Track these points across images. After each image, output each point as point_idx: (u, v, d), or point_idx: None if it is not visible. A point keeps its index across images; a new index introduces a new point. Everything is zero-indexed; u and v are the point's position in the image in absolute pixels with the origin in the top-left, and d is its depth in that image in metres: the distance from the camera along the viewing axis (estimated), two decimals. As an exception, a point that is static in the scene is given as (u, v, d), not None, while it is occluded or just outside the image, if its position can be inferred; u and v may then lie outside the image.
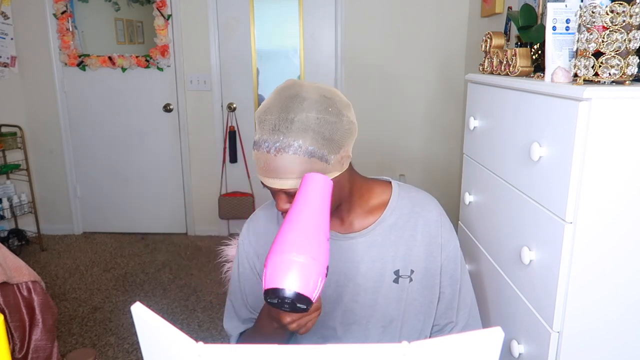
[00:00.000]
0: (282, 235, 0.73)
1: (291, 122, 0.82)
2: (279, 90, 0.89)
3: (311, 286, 0.69)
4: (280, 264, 0.70)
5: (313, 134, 0.83)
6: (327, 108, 0.85)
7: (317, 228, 0.74)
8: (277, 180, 0.84)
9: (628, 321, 1.00)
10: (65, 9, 3.35)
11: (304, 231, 0.73)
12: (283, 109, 0.84)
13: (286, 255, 0.70)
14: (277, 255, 0.70)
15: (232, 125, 3.51)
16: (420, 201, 1.03)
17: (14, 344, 1.69)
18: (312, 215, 0.75)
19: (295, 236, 0.72)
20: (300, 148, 0.82)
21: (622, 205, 0.94)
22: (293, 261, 0.69)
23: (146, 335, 0.53)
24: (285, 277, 0.69)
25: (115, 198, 3.69)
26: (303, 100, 0.84)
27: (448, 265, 1.02)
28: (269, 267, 0.71)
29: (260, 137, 0.85)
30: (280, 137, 0.82)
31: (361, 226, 1.00)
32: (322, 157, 0.84)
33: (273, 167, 0.84)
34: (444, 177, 3.49)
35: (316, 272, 0.70)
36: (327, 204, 0.78)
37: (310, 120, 0.83)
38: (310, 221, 0.74)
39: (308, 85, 0.89)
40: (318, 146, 0.83)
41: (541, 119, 1.05)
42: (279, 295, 0.69)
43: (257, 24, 3.42)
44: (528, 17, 1.41)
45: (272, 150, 0.83)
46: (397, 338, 1.01)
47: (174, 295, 2.77)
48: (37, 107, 3.52)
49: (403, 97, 3.42)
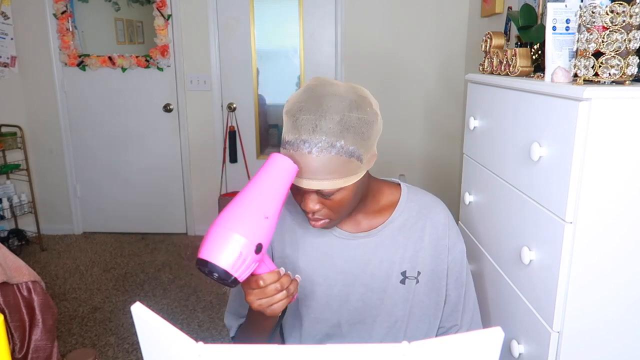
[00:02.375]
0: (226, 207, 0.76)
1: (333, 122, 0.81)
2: (312, 87, 0.86)
3: (231, 261, 0.71)
4: (208, 235, 0.73)
5: (354, 134, 0.82)
6: (366, 107, 0.85)
7: (256, 206, 0.75)
8: (315, 181, 0.83)
9: (628, 321, 1.00)
10: (65, 9, 3.35)
11: (243, 206, 0.75)
12: (323, 108, 0.82)
13: (214, 227, 0.73)
14: (213, 226, 0.74)
15: (232, 125, 3.51)
16: (428, 204, 1.03)
17: (14, 344, 1.69)
18: (257, 193, 0.77)
19: (230, 211, 0.75)
20: (342, 148, 0.81)
21: (622, 205, 0.94)
22: (218, 234, 0.72)
23: (146, 335, 0.53)
24: (206, 248, 0.72)
25: (115, 198, 3.69)
26: (343, 99, 0.83)
27: (454, 268, 1.03)
28: (205, 237, 0.74)
29: (298, 137, 0.82)
30: (322, 137, 0.80)
31: (370, 226, 1.00)
32: (359, 157, 0.84)
33: (312, 168, 0.82)
34: (444, 177, 3.49)
35: (239, 248, 0.71)
36: (282, 185, 0.79)
37: (352, 120, 0.82)
38: (253, 199, 0.76)
39: (341, 83, 0.88)
40: (357, 146, 0.83)
41: (541, 119, 1.05)
42: (201, 265, 0.72)
43: (257, 24, 3.42)
44: (528, 17, 1.41)
45: (313, 151, 0.81)
46: (401, 339, 1.01)
47: (174, 295, 2.77)
48: (37, 107, 3.52)
49: (403, 97, 3.42)
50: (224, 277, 0.72)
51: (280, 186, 0.79)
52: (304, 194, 0.87)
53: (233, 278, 0.72)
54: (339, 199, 0.87)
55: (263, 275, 0.80)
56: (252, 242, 0.73)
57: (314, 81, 0.88)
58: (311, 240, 1.01)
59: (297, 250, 1.01)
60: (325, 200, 0.87)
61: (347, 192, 0.87)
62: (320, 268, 1.00)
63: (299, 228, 1.02)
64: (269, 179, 0.79)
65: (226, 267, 0.71)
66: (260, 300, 0.80)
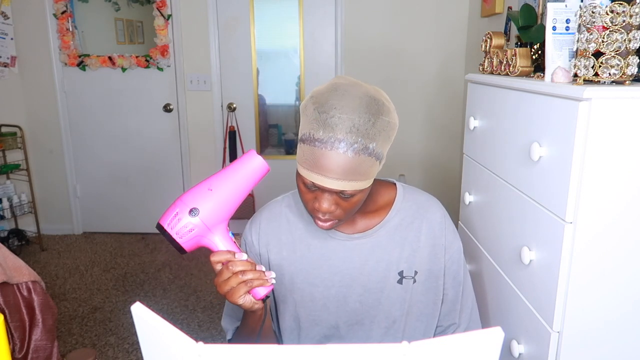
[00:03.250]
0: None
1: (371, 125, 0.80)
2: (341, 85, 0.84)
3: (168, 220, 0.83)
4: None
5: (384, 137, 0.83)
6: (392, 112, 0.86)
7: (206, 180, 0.85)
8: (340, 182, 0.81)
9: (628, 321, 1.00)
10: (65, 9, 3.35)
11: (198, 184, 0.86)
12: (359, 110, 0.80)
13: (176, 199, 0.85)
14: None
15: (232, 125, 3.51)
16: (424, 203, 1.03)
17: (14, 344, 1.69)
18: (216, 174, 0.86)
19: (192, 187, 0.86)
20: (374, 151, 0.81)
21: (622, 205, 0.94)
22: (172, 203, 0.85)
23: (146, 335, 0.53)
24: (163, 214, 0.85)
25: (115, 198, 3.69)
26: (377, 102, 0.83)
27: (451, 267, 1.02)
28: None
29: (332, 136, 0.79)
30: (359, 138, 0.79)
31: (366, 227, 1.00)
32: (381, 160, 0.85)
33: (342, 168, 0.80)
34: (444, 177, 3.48)
35: (176, 208, 0.83)
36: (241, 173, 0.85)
37: (384, 124, 0.82)
38: (209, 177, 0.86)
39: (367, 85, 0.87)
40: (383, 149, 0.84)
41: (541, 119, 1.05)
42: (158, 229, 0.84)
43: (257, 24, 3.42)
44: (528, 17, 1.41)
45: (349, 152, 0.79)
46: (399, 339, 1.01)
47: (174, 295, 2.77)
48: (37, 107, 3.52)
49: (403, 97, 3.42)
50: (167, 237, 0.83)
51: (240, 174, 0.85)
52: (320, 194, 0.86)
53: (169, 235, 0.82)
54: (355, 201, 0.87)
55: (216, 252, 0.85)
56: (186, 204, 0.83)
57: (342, 79, 0.87)
58: (308, 242, 1.01)
59: (294, 253, 1.01)
60: (342, 201, 0.86)
61: (364, 193, 0.87)
62: (317, 270, 1.00)
63: (295, 230, 1.02)
64: (233, 165, 0.86)
65: (164, 225, 0.83)
66: (220, 283, 0.83)
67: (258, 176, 0.86)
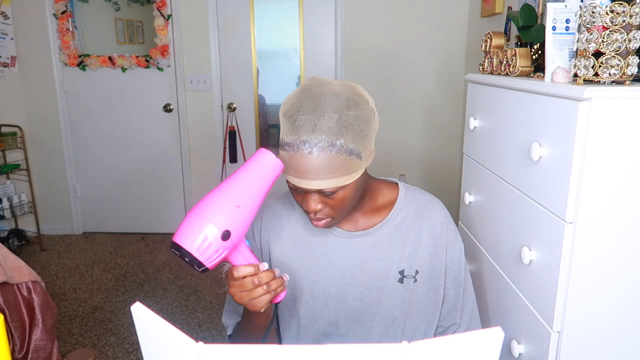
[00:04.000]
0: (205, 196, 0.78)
1: (332, 121, 0.81)
2: (307, 88, 0.86)
3: (197, 244, 0.73)
4: (185, 220, 0.76)
5: (353, 131, 0.83)
6: (363, 105, 0.86)
7: (229, 194, 0.76)
8: (316, 181, 0.83)
9: (628, 321, 1.00)
10: (65, 9, 3.35)
11: (214, 195, 0.77)
12: (321, 108, 0.82)
13: (189, 213, 0.76)
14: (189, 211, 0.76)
15: (232, 125, 3.51)
16: (426, 203, 1.03)
17: (14, 344, 1.69)
18: (234, 183, 0.78)
19: (206, 198, 0.77)
20: (342, 147, 0.82)
21: (622, 205, 0.94)
22: (189, 219, 0.75)
23: (146, 335, 0.53)
24: (177, 232, 0.75)
25: (115, 198, 3.69)
26: (339, 97, 0.84)
27: (452, 267, 1.03)
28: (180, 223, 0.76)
29: (297, 139, 0.81)
30: (322, 137, 0.81)
31: (367, 225, 1.00)
32: (359, 154, 0.84)
33: (313, 168, 0.81)
34: (444, 177, 3.49)
35: (205, 232, 0.73)
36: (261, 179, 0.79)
37: (351, 118, 0.83)
38: (228, 187, 0.77)
39: (336, 82, 0.88)
40: (357, 143, 0.84)
41: (541, 119, 1.05)
42: (174, 248, 0.75)
43: (257, 24, 3.42)
44: (528, 17, 1.41)
45: (314, 151, 0.81)
46: (399, 338, 1.02)
47: (174, 295, 2.77)
48: (37, 107, 3.52)
49: (403, 97, 3.42)
50: (192, 261, 0.74)
51: (260, 179, 0.79)
52: (305, 195, 0.88)
53: (198, 261, 0.74)
54: (340, 198, 0.87)
55: (239, 267, 0.81)
56: (219, 227, 0.74)
57: (309, 81, 0.89)
58: (309, 239, 1.01)
59: (295, 250, 1.02)
60: (327, 199, 0.87)
61: (349, 190, 0.87)
62: (318, 267, 1.00)
63: (296, 227, 1.03)
64: (249, 171, 0.79)
65: (191, 250, 0.73)
66: (241, 293, 0.81)
67: (275, 177, 0.83)
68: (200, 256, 0.74)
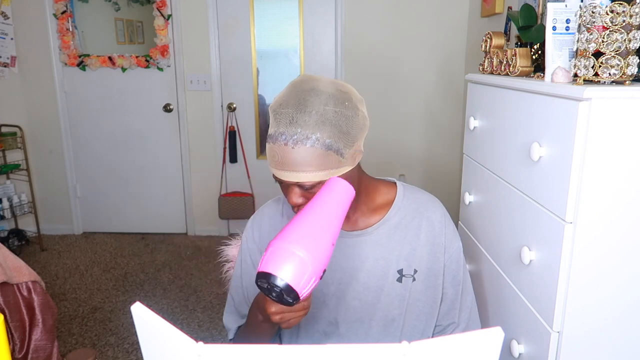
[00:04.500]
0: (291, 226, 0.74)
1: (309, 115, 0.82)
2: (295, 84, 0.88)
3: (303, 282, 0.70)
4: (280, 251, 0.71)
5: (331, 127, 0.83)
6: (344, 102, 0.86)
7: (326, 230, 0.75)
8: (293, 174, 0.84)
9: (628, 321, 1.00)
10: (65, 9, 3.35)
11: (313, 229, 0.74)
12: (300, 102, 0.84)
13: (289, 245, 0.71)
14: (280, 242, 0.72)
15: (232, 125, 3.51)
16: (425, 202, 1.03)
17: (14, 344, 1.69)
18: (326, 217, 0.76)
19: (304, 231, 0.74)
20: (318, 141, 0.82)
21: (622, 205, 0.94)
22: (293, 253, 0.70)
23: (146, 335, 0.53)
24: (280, 265, 0.70)
25: (115, 198, 3.69)
26: (321, 93, 0.85)
27: (450, 266, 1.03)
28: (269, 252, 0.72)
29: (276, 130, 0.84)
30: (298, 130, 0.82)
31: (366, 224, 1.00)
32: (338, 151, 0.85)
33: (289, 160, 0.83)
34: (444, 177, 3.48)
35: (312, 271, 0.71)
36: (344, 211, 0.79)
37: (329, 114, 0.83)
38: (322, 222, 0.76)
39: (324, 79, 0.89)
40: (335, 139, 0.84)
41: (541, 119, 1.05)
42: (270, 281, 0.70)
43: (257, 24, 3.42)
44: (528, 17, 1.41)
45: (289, 143, 0.83)
46: (398, 337, 1.02)
47: (174, 295, 2.77)
48: (37, 107, 3.52)
49: (403, 97, 3.42)
50: (289, 295, 0.71)
51: (340, 211, 0.79)
52: (287, 187, 0.89)
53: (295, 294, 0.71)
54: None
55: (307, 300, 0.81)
56: (321, 266, 0.73)
57: (298, 78, 0.90)
58: None
59: None
60: (308, 194, 0.88)
61: None
62: None
63: None
64: (331, 203, 0.79)
65: (299, 290, 0.70)
66: (284, 315, 0.80)
67: (349, 202, 0.83)
68: (302, 294, 0.71)
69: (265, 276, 0.71)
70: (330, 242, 0.75)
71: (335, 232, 0.77)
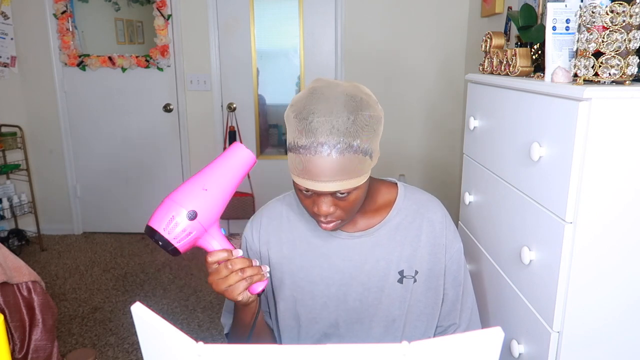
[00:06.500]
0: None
1: (351, 122, 0.81)
2: (318, 89, 0.85)
3: (164, 224, 0.79)
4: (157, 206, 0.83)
5: (367, 132, 0.83)
6: (374, 105, 0.86)
7: (197, 179, 0.83)
8: (333, 183, 0.82)
9: (628, 321, 1.00)
10: (65, 9, 3.35)
11: (186, 181, 0.84)
12: (337, 109, 0.81)
13: (165, 198, 0.83)
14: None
15: (232, 125, 3.51)
16: (425, 203, 1.03)
17: (14, 344, 1.69)
18: (204, 170, 0.84)
19: (180, 186, 0.83)
20: (359, 147, 0.82)
21: (622, 205, 0.94)
22: (162, 203, 0.82)
23: (146, 335, 0.53)
24: (151, 216, 0.82)
25: (115, 198, 3.69)
26: (354, 98, 0.84)
27: (451, 267, 1.03)
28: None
29: (314, 141, 0.80)
30: (340, 138, 0.80)
31: (366, 225, 1.00)
32: (371, 155, 0.85)
33: (330, 171, 0.81)
34: (444, 177, 3.49)
35: (172, 212, 0.79)
36: (231, 167, 0.85)
37: (365, 119, 0.83)
38: (198, 174, 0.84)
39: (344, 83, 0.88)
40: (370, 143, 0.84)
41: (541, 119, 1.05)
42: (148, 232, 0.81)
43: (257, 24, 3.42)
44: (528, 17, 1.41)
45: (333, 153, 0.80)
46: (399, 338, 1.02)
47: (174, 295, 2.77)
48: (37, 107, 3.52)
49: (403, 97, 3.42)
50: (163, 242, 0.79)
51: (229, 169, 0.85)
52: (317, 198, 0.86)
53: (167, 241, 0.79)
54: (353, 199, 0.87)
55: (213, 252, 0.85)
56: (185, 207, 0.80)
57: (318, 83, 0.88)
58: (308, 240, 1.01)
59: (294, 251, 1.02)
60: (339, 201, 0.87)
61: (360, 190, 0.88)
62: (317, 268, 1.00)
63: (296, 229, 1.03)
64: (220, 161, 0.85)
65: (159, 229, 0.79)
66: (217, 280, 0.84)
67: (247, 169, 0.87)
68: (168, 235, 0.79)
69: (147, 229, 0.81)
70: (199, 187, 0.81)
71: (210, 179, 0.82)
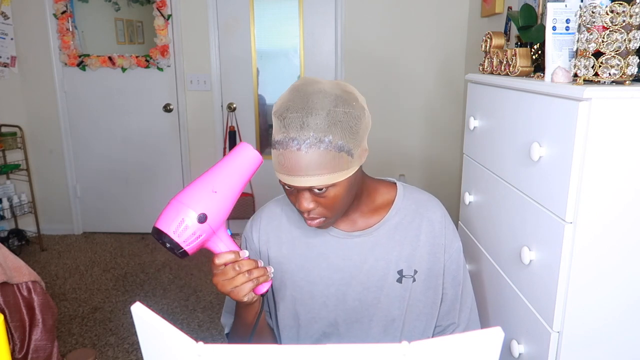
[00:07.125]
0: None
1: (320, 118, 0.82)
2: (297, 87, 0.87)
3: (174, 227, 0.78)
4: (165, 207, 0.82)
5: (342, 128, 0.83)
6: (352, 102, 0.86)
7: (206, 181, 0.82)
8: (305, 178, 0.83)
9: (628, 321, 1.00)
10: (65, 9, 3.35)
11: (193, 183, 0.82)
12: (309, 105, 0.83)
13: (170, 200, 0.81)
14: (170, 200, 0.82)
15: (232, 125, 3.51)
16: (424, 202, 1.03)
17: (14, 344, 1.69)
18: (212, 171, 0.83)
19: (186, 186, 0.82)
20: (331, 143, 0.82)
21: (622, 205, 0.94)
22: (169, 205, 0.80)
23: (146, 335, 0.53)
24: (158, 218, 0.80)
25: (115, 198, 3.69)
26: (328, 95, 0.84)
27: (450, 267, 1.03)
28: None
29: (286, 136, 0.83)
30: (310, 134, 0.81)
31: (366, 225, 1.00)
32: (349, 151, 0.85)
33: (302, 165, 0.82)
34: (444, 177, 3.49)
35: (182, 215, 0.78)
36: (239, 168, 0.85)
37: (339, 115, 0.83)
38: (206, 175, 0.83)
39: (326, 81, 0.89)
40: (346, 140, 0.84)
41: (541, 119, 1.05)
42: (155, 234, 0.79)
43: (257, 24, 3.42)
44: (528, 17, 1.41)
45: (302, 148, 0.81)
46: (398, 338, 1.02)
47: (174, 295, 2.77)
48: (37, 107, 3.52)
49: (403, 97, 3.42)
50: (171, 244, 0.78)
51: (237, 169, 0.84)
52: (297, 194, 0.88)
53: (176, 244, 0.78)
54: (332, 196, 0.87)
55: (220, 254, 0.84)
56: (195, 210, 0.79)
57: (299, 81, 0.90)
58: (307, 240, 1.01)
59: (293, 250, 1.02)
60: (319, 198, 0.87)
61: (340, 188, 0.87)
62: (316, 267, 1.00)
63: (295, 228, 1.03)
64: (228, 161, 0.85)
65: (169, 232, 0.78)
66: (223, 281, 0.84)
67: (254, 169, 0.87)
68: (177, 238, 0.78)
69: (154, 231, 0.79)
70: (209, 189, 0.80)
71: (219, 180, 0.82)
